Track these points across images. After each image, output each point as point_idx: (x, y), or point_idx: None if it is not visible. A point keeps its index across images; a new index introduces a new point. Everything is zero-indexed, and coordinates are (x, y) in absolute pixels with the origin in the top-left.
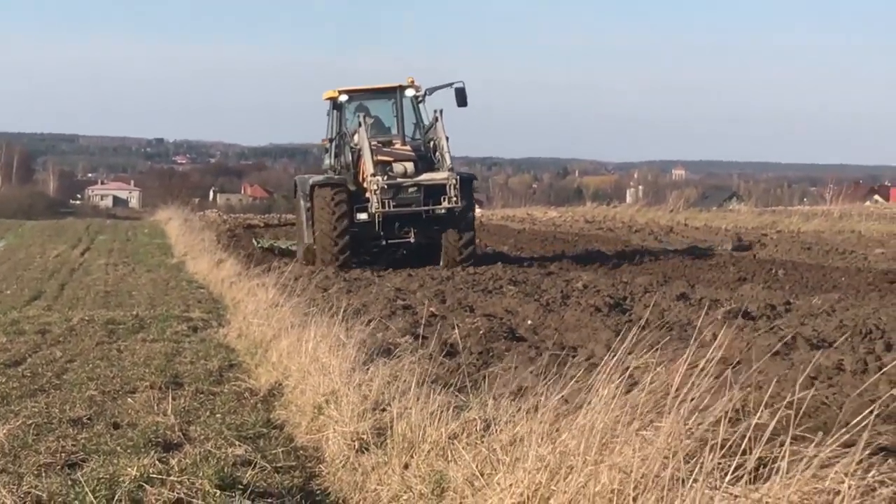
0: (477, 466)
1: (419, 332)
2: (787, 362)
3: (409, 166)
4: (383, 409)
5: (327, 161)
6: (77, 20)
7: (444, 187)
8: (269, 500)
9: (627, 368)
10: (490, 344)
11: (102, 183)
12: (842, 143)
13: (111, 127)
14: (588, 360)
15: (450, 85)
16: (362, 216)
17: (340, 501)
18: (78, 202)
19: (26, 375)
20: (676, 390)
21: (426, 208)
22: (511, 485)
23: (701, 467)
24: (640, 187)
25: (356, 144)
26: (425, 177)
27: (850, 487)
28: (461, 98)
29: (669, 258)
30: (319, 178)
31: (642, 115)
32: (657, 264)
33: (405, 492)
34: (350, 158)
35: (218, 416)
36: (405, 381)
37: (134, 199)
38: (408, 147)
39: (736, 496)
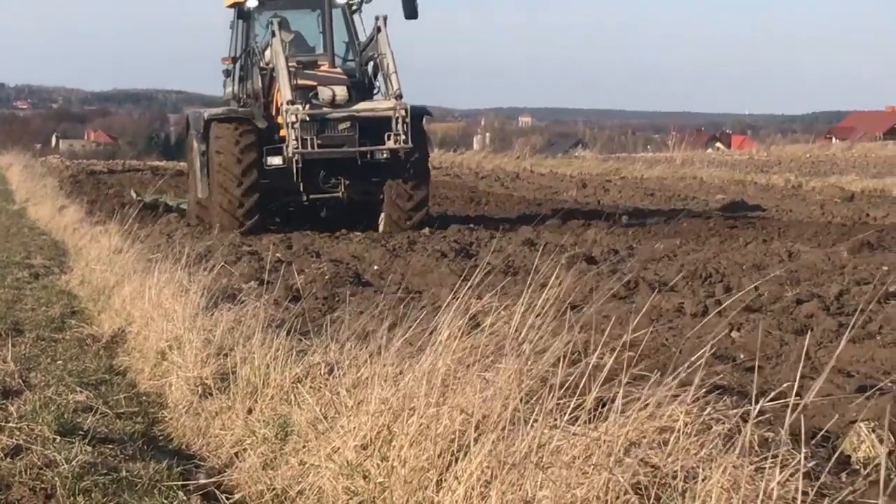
0: (321, 410)
1: (264, 278)
2: (630, 305)
3: (340, 91)
4: (227, 355)
5: (229, 88)
6: None
7: (387, 122)
8: (110, 446)
9: (469, 311)
10: (336, 289)
11: None
12: (684, 92)
13: None
14: (433, 304)
15: None
16: (275, 161)
17: (183, 447)
18: None
19: None
20: (517, 332)
21: (363, 149)
22: (354, 427)
23: (540, 407)
24: (487, 134)
25: (268, 63)
26: (362, 106)
27: (685, 425)
28: (410, 7)
29: (515, 204)
30: (218, 110)
31: (489, 62)
32: (503, 210)
33: (249, 436)
34: (260, 84)
35: (59, 362)
36: (249, 326)
37: None
38: (338, 70)
39: (575, 434)
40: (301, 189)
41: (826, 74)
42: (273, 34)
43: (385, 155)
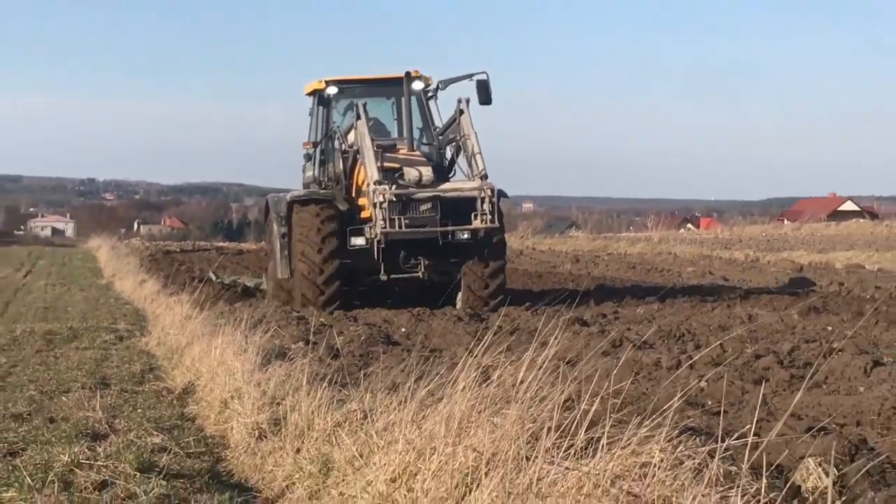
0: (357, 449)
1: (310, 339)
2: (615, 360)
3: (427, 172)
4: (279, 403)
5: (310, 172)
6: (17, 73)
7: (469, 202)
8: (181, 481)
9: (481, 366)
10: (369, 348)
11: (42, 216)
12: (661, 181)
13: (50, 168)
14: (451, 361)
15: (469, 77)
16: (358, 241)
17: (243, 481)
18: (21, 233)
19: None
20: (521, 383)
21: (447, 229)
22: (385, 464)
23: (540, 446)
24: None
25: (351, 146)
26: (448, 186)
27: (661, 461)
28: (484, 93)
29: (520, 276)
30: (300, 192)
31: (496, 157)
32: (509, 282)
33: (297, 471)
34: (341, 167)
35: (139, 411)
36: (297, 379)
37: (70, 229)
38: (417, 153)
39: (569, 469)
40: (382, 269)
41: (779, 166)
42: (358, 117)
43: (466, 235)
